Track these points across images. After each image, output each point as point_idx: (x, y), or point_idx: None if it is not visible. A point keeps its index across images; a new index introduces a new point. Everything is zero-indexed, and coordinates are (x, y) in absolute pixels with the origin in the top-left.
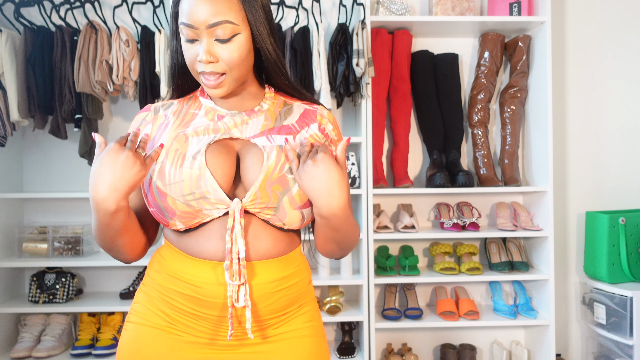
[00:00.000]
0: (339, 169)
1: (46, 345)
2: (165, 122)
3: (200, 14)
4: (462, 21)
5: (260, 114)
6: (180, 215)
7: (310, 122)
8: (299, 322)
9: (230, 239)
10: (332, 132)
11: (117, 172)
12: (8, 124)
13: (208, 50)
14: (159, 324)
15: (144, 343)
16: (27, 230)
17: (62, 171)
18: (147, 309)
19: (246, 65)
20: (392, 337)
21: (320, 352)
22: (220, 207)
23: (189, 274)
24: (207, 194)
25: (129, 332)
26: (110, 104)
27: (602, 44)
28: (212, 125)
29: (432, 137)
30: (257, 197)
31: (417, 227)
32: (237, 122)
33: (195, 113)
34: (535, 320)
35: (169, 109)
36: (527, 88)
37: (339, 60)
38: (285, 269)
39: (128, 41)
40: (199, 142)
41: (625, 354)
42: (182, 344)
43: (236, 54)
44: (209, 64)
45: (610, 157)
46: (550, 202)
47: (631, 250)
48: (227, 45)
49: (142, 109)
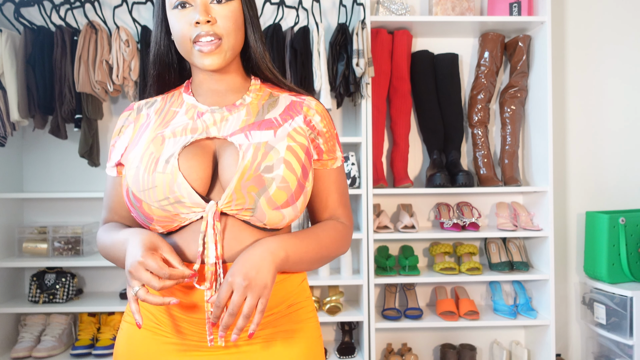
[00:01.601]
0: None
1: (46, 345)
2: (147, 122)
3: None
4: (462, 21)
5: (241, 108)
6: (158, 220)
7: (295, 115)
8: (288, 323)
9: (202, 242)
10: (319, 124)
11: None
12: (8, 124)
13: (205, 9)
14: (147, 325)
15: (136, 343)
16: (27, 230)
17: (62, 171)
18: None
19: (239, 36)
20: (392, 337)
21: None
22: (196, 211)
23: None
24: (181, 198)
25: (123, 331)
26: (110, 104)
27: (602, 44)
28: (190, 124)
29: (432, 137)
30: (232, 198)
31: (417, 227)
32: (217, 119)
33: (177, 111)
34: (535, 320)
35: (152, 107)
36: (527, 88)
37: (339, 60)
38: None
39: (128, 41)
40: (174, 144)
41: (625, 354)
42: (168, 345)
43: (232, 18)
44: (206, 24)
45: (610, 157)
46: (550, 202)
47: (631, 250)
48: (223, 6)
49: (127, 107)
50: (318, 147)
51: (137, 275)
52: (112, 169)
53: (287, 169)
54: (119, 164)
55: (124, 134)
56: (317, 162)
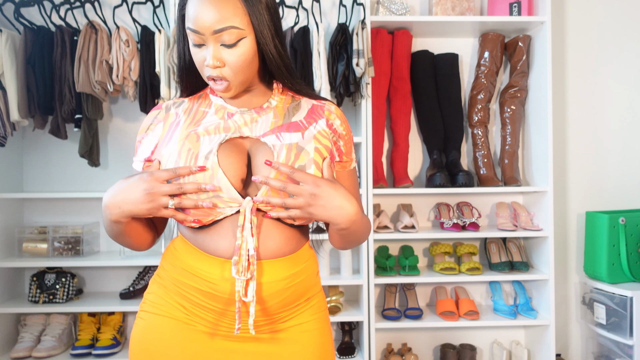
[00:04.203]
0: (334, 185)
1: (46, 345)
2: (177, 121)
3: (205, 20)
4: (462, 21)
5: (269, 111)
6: (194, 213)
7: (318, 118)
8: (307, 315)
9: (240, 235)
10: (340, 127)
11: (129, 197)
12: (8, 124)
13: (214, 55)
14: (176, 315)
15: (159, 332)
16: (27, 230)
17: (62, 171)
18: (162, 300)
19: (252, 68)
20: (392, 337)
21: (325, 344)
22: (232, 205)
23: (203, 270)
24: (220, 192)
25: (144, 321)
26: (110, 104)
27: (602, 44)
28: (222, 123)
29: (432, 137)
30: (267, 195)
31: (417, 227)
32: (247, 120)
33: (206, 111)
34: (535, 320)
35: (180, 107)
36: (527, 88)
37: (339, 60)
38: (295, 266)
39: (128, 41)
40: (210, 141)
41: (625, 354)
42: (197, 333)
43: (242, 58)
44: (216, 69)
45: (610, 156)
46: (550, 202)
47: (631, 250)
48: (233, 50)
49: (155, 106)
50: (339, 149)
51: (158, 191)
52: (140, 163)
53: (317, 169)
54: (148, 159)
55: (152, 131)
56: (338, 163)
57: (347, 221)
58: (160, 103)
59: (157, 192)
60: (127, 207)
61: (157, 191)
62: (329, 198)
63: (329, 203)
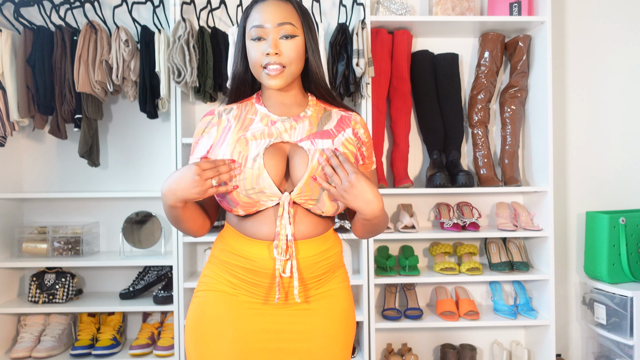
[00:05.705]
0: (369, 182)
1: (46, 346)
2: (228, 126)
3: (270, 15)
4: (462, 21)
5: (305, 120)
6: (242, 205)
7: (345, 127)
8: (334, 283)
9: (280, 223)
10: (363, 136)
11: (181, 184)
12: (8, 124)
13: (275, 44)
14: (224, 290)
15: (211, 303)
16: (26, 230)
17: (62, 171)
18: (213, 280)
19: (300, 64)
20: (392, 337)
21: (349, 307)
22: (273, 199)
23: (247, 251)
24: (264, 189)
25: (199, 298)
26: (110, 104)
27: (602, 44)
28: (266, 130)
29: (432, 137)
30: (302, 191)
31: (417, 227)
32: (287, 127)
33: (253, 118)
34: (536, 321)
35: (230, 113)
36: (527, 88)
37: (339, 60)
38: (323, 245)
39: (128, 41)
40: (257, 145)
41: (625, 354)
42: (243, 302)
43: (295, 51)
44: (274, 56)
45: (611, 157)
46: (551, 202)
47: (631, 250)
48: (289, 42)
49: (208, 112)
50: (362, 153)
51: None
52: (197, 160)
53: None
54: (204, 157)
55: (207, 133)
56: (361, 166)
57: (372, 214)
58: (212, 109)
59: (202, 175)
60: (181, 193)
61: (202, 175)
62: (363, 191)
63: (362, 195)
